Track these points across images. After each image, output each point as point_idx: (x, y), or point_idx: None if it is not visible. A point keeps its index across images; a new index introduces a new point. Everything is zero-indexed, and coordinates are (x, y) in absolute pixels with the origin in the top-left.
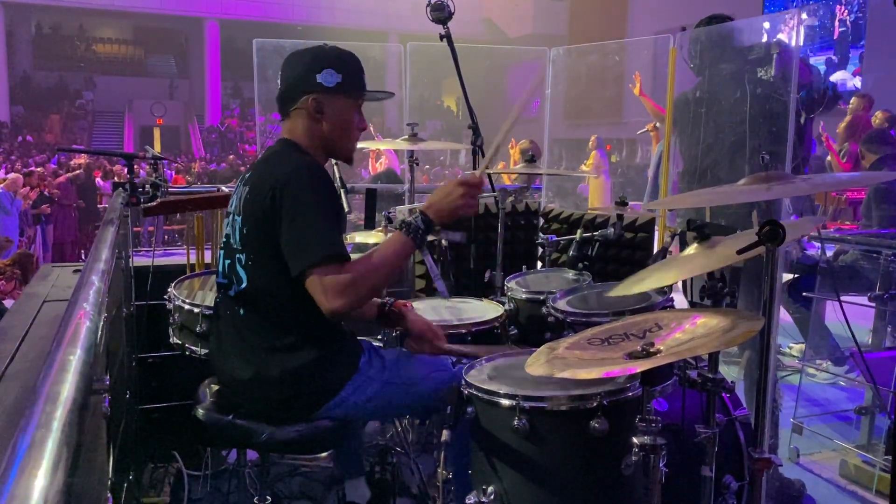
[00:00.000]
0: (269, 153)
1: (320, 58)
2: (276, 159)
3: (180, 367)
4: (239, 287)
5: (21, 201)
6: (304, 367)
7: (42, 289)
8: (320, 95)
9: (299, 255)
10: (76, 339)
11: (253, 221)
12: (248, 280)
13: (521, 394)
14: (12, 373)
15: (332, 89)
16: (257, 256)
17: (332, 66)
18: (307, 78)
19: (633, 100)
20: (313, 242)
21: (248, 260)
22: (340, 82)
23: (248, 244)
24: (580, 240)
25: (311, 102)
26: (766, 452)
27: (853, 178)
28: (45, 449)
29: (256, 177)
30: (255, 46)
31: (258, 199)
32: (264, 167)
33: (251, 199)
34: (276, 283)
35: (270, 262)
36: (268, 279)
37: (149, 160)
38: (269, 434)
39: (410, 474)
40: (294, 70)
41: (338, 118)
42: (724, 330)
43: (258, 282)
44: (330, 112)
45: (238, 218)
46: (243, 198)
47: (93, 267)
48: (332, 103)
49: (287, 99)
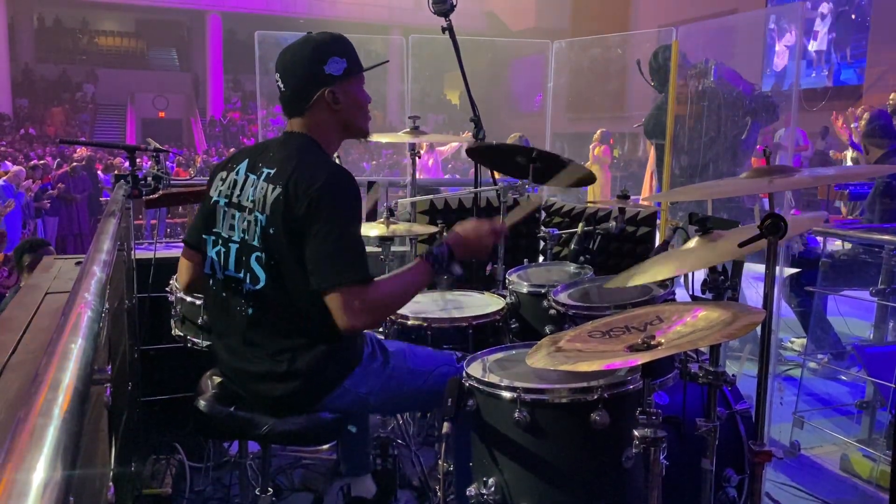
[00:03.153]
0: (296, 151)
1: (320, 48)
2: (310, 163)
3: (182, 359)
4: (255, 286)
5: (23, 194)
6: (310, 363)
7: (44, 281)
8: (333, 86)
9: (326, 272)
10: (77, 328)
11: (283, 224)
12: (268, 280)
13: (521, 386)
14: (14, 364)
15: (341, 76)
16: (282, 258)
17: (335, 54)
18: (316, 72)
19: (635, 94)
20: (344, 261)
21: (271, 259)
22: (347, 67)
23: (272, 245)
24: (582, 233)
25: (328, 95)
26: (767, 445)
27: (855, 171)
28: (45, 436)
29: (288, 178)
30: (257, 39)
31: (292, 204)
32: (297, 169)
33: (284, 202)
34: (297, 286)
35: (295, 265)
36: (290, 281)
37: (150, 153)
38: (270, 426)
39: (412, 466)
40: (298, 68)
41: (353, 100)
42: (726, 323)
43: (278, 282)
44: (344, 98)
45: (261, 216)
46: (272, 198)
47: (94, 258)
48: (345, 89)
49: (300, 98)
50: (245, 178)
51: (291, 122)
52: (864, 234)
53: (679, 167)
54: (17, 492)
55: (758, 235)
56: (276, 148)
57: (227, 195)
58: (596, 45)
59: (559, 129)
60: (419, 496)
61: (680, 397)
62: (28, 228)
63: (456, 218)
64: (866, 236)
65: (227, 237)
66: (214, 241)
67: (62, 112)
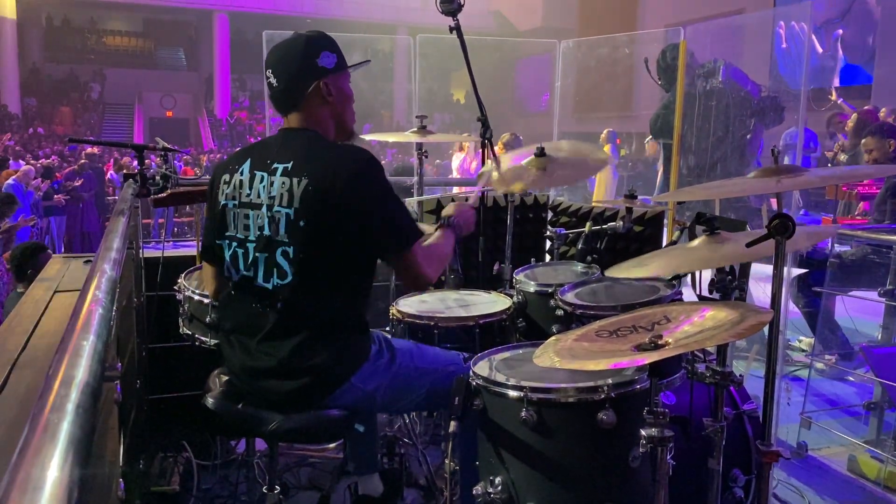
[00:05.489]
0: (311, 142)
1: (312, 43)
2: (327, 150)
3: (190, 357)
4: (282, 280)
5: (33, 193)
6: (320, 359)
7: (53, 279)
8: (326, 78)
9: (400, 236)
10: (89, 325)
11: (318, 215)
12: (295, 273)
13: (528, 385)
14: (24, 361)
15: (333, 70)
16: (313, 250)
17: (326, 49)
18: (310, 65)
19: (642, 93)
20: (410, 222)
21: (300, 253)
22: (337, 61)
23: (303, 238)
24: (589, 233)
25: (323, 87)
26: (774, 445)
27: (864, 172)
28: (59, 432)
29: (313, 168)
30: (265, 38)
31: (327, 191)
32: (319, 158)
33: (315, 192)
34: (328, 277)
35: (327, 255)
36: (321, 272)
37: (159, 151)
38: (277, 423)
39: (418, 465)
40: (292, 62)
41: (342, 94)
42: (733, 323)
43: (307, 276)
44: (335, 91)
45: (286, 210)
46: (300, 190)
47: (104, 256)
48: (335, 83)
49: (295, 91)
50: (252, 177)
51: (288, 118)
52: (872, 235)
53: (686, 167)
54: (32, 486)
55: (765, 236)
56: (279, 144)
57: (234, 196)
58: (603, 45)
59: (566, 129)
60: (426, 495)
61: (687, 397)
62: (37, 227)
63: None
64: (875, 237)
65: (242, 238)
66: (229, 244)
67: (70, 111)
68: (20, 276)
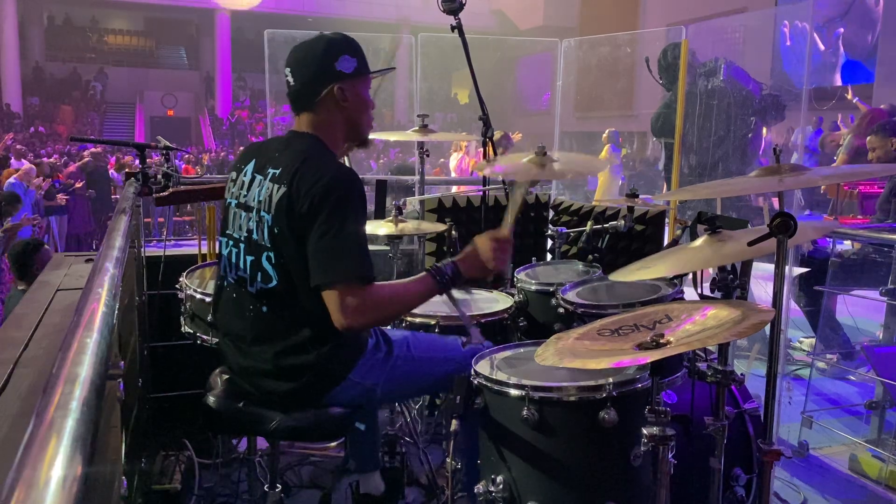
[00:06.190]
0: (301, 151)
1: (333, 46)
2: (314, 162)
3: (192, 355)
4: (266, 284)
5: (34, 191)
6: (316, 358)
7: (55, 277)
8: (343, 83)
9: (325, 269)
10: (92, 323)
11: (286, 223)
12: (279, 278)
13: (530, 384)
14: (26, 359)
15: (351, 74)
16: (290, 256)
17: (346, 52)
18: (327, 68)
19: (644, 92)
20: (343, 259)
21: (280, 258)
22: (357, 66)
23: (279, 244)
24: (590, 232)
25: (337, 91)
26: (775, 444)
27: (867, 170)
28: (63, 429)
29: (292, 178)
30: (267, 37)
31: (295, 203)
32: (302, 169)
33: (287, 202)
34: (304, 284)
35: (302, 263)
36: (297, 278)
37: (160, 150)
38: (278, 421)
39: (419, 464)
40: (310, 63)
41: (359, 100)
42: (735, 322)
43: (289, 281)
44: (352, 96)
45: (267, 216)
46: (277, 197)
47: (107, 254)
48: (352, 88)
49: (309, 93)
50: (252, 179)
51: (299, 120)
52: (874, 234)
53: (688, 166)
54: (37, 483)
55: (767, 234)
56: (281, 147)
57: (236, 196)
58: (604, 44)
59: (567, 128)
60: (427, 494)
61: (688, 396)
62: (39, 226)
63: (465, 217)
64: (876, 236)
65: (237, 238)
66: (226, 242)
67: (72, 110)
68: (21, 274)
